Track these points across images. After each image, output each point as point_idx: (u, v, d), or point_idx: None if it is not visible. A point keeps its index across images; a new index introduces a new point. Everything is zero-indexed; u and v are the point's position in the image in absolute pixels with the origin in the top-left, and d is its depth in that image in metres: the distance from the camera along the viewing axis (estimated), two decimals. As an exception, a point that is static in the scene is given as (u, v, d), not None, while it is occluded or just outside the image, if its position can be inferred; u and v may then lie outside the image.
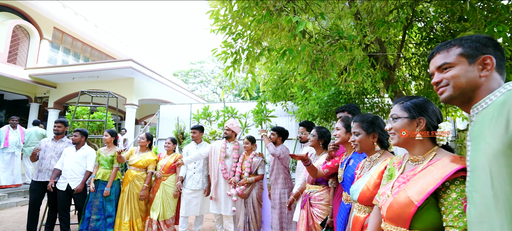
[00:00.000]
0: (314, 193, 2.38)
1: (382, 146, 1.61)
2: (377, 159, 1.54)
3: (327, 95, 5.25)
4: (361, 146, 1.62)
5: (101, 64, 9.34)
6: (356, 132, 1.65)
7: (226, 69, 3.33)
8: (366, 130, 1.60)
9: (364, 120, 1.64)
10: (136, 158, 3.48)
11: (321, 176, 2.20)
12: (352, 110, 2.33)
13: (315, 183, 2.40)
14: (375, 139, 1.59)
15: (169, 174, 3.52)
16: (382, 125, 1.62)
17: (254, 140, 3.40)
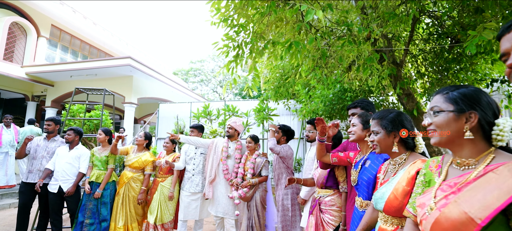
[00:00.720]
0: (325, 197, 2.19)
1: (406, 147, 1.40)
2: (403, 162, 1.34)
3: (332, 93, 5.05)
4: (380, 146, 1.42)
5: (99, 62, 9.14)
6: (375, 131, 1.45)
7: (227, 64, 3.13)
8: (386, 128, 1.40)
9: (384, 117, 1.44)
10: (133, 158, 3.28)
11: (326, 162, 2.03)
12: (365, 106, 2.13)
13: (325, 187, 2.21)
14: (396, 138, 1.39)
15: (167, 175, 3.33)
16: (407, 123, 1.41)
17: (258, 139, 3.20)
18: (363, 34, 3.47)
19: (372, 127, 1.48)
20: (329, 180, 2.18)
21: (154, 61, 18.46)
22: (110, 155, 3.31)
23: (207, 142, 3.30)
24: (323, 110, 5.16)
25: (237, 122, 3.30)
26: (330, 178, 2.18)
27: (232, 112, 6.60)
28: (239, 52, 3.09)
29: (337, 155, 1.97)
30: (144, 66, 9.36)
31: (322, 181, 2.20)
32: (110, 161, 3.29)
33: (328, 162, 2.01)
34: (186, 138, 3.23)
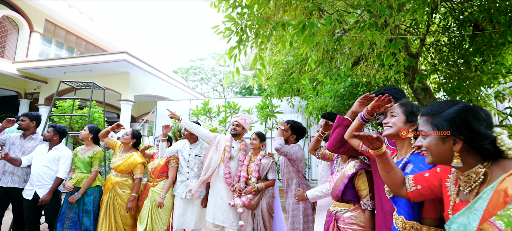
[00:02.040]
0: (343, 212, 1.75)
1: (483, 155, 0.92)
2: (482, 178, 0.89)
3: (343, 87, 4.62)
4: (433, 155, 0.97)
5: (93, 57, 8.72)
6: (423, 132, 1.01)
7: (230, 51, 2.70)
8: (440, 130, 0.95)
9: (437, 113, 0.97)
10: (118, 160, 2.85)
11: (354, 146, 1.62)
12: (394, 95, 1.69)
13: (342, 200, 1.77)
14: (457, 145, 0.91)
15: (160, 179, 2.90)
16: (476, 123, 0.91)
17: (264, 137, 2.78)
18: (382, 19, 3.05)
19: (420, 125, 1.04)
20: (347, 192, 1.73)
21: (153, 59, 18.04)
22: (95, 156, 2.88)
23: (209, 134, 2.89)
24: (333, 106, 4.74)
25: (246, 119, 2.87)
26: (348, 190, 1.73)
27: (233, 110, 6.18)
28: (242, 37, 2.66)
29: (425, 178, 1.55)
30: (140, 61, 8.94)
31: (337, 193, 1.76)
32: (95, 163, 2.86)
33: (355, 146, 1.58)
34: (187, 123, 2.85)
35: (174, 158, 2.97)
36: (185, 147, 2.97)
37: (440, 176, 1.06)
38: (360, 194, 1.70)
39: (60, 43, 11.97)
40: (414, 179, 1.15)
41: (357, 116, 1.66)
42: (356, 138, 1.21)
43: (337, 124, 1.70)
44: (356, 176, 1.70)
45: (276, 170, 2.76)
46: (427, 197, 1.12)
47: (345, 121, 1.68)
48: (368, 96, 1.61)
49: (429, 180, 1.10)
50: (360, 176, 1.70)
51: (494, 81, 4.57)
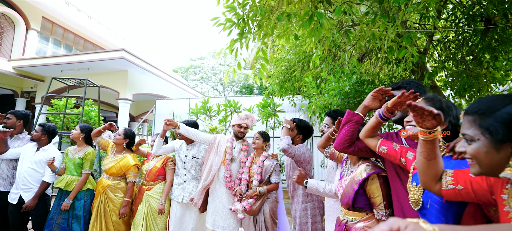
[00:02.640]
0: (354, 222, 1.54)
1: None
2: None
3: (348, 84, 4.42)
4: (482, 164, 0.78)
5: (91, 55, 8.52)
6: (468, 136, 0.81)
7: (231, 45, 2.50)
8: (493, 134, 0.75)
9: (489, 112, 0.77)
10: (109, 162, 2.65)
11: (370, 146, 1.40)
12: (415, 90, 1.48)
13: (353, 208, 1.56)
14: None
15: (155, 182, 2.70)
16: None
17: (268, 137, 2.58)
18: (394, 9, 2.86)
19: (464, 127, 0.84)
20: (358, 199, 1.51)
21: (152, 58, 17.84)
22: (86, 157, 2.69)
23: (208, 137, 2.67)
24: (337, 104, 4.55)
25: (253, 119, 2.68)
26: (359, 197, 1.51)
27: (234, 108, 5.98)
28: (244, 29, 2.47)
29: (388, 143, 1.33)
30: (139, 59, 8.74)
31: (347, 200, 1.54)
32: (86, 165, 2.67)
33: (372, 147, 1.38)
34: (185, 129, 2.61)
35: (172, 160, 2.78)
36: (182, 147, 2.77)
37: (492, 182, 0.86)
38: (372, 202, 1.48)
39: (58, 41, 11.78)
40: (454, 176, 0.94)
41: (368, 111, 1.47)
42: (409, 108, 0.94)
43: (346, 120, 1.50)
44: (368, 181, 1.50)
45: (280, 172, 2.56)
46: (464, 199, 0.92)
47: (355, 116, 1.48)
48: (383, 89, 1.42)
49: (476, 181, 0.88)
50: (373, 181, 1.49)
51: (507, 79, 4.35)
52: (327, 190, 1.85)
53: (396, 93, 1.46)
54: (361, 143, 1.49)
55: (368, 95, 1.48)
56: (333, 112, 2.09)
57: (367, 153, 1.50)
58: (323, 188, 1.86)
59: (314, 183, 1.89)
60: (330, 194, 1.84)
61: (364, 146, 1.48)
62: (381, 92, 1.44)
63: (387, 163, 1.45)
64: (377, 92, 1.44)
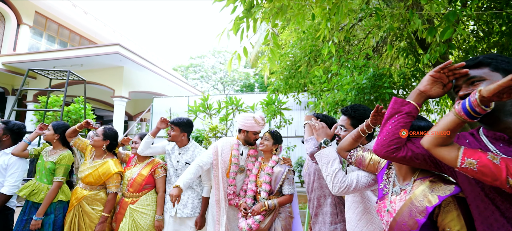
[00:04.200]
0: None
1: None
2: None
3: (365, 78, 3.94)
4: None
5: (84, 51, 8.06)
6: None
7: (235, 25, 2.03)
8: None
9: None
10: (86, 169, 2.18)
11: (446, 160, 0.89)
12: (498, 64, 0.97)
13: None
14: None
15: (141, 193, 2.22)
16: None
17: (280, 139, 2.10)
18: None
19: None
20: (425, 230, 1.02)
21: (151, 55, 17.37)
22: (59, 162, 2.21)
23: (208, 159, 2.14)
24: (352, 100, 4.07)
25: (260, 118, 2.17)
26: (427, 228, 1.01)
27: (236, 106, 5.52)
28: (252, 4, 1.99)
29: (479, 154, 0.83)
30: (134, 55, 8.28)
31: (408, 229, 1.04)
32: (59, 171, 2.19)
33: (448, 161, 0.88)
34: (185, 180, 1.99)
35: (162, 166, 2.30)
36: (173, 150, 2.30)
37: None
38: None
39: (52, 37, 11.32)
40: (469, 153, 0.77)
41: (425, 99, 1.01)
42: None
43: (393, 110, 1.03)
44: (440, 208, 1.00)
45: (294, 180, 2.08)
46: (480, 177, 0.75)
47: (406, 105, 1.00)
48: (452, 67, 0.94)
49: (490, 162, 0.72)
50: (448, 208, 0.97)
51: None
52: (357, 182, 1.34)
53: (475, 73, 0.96)
54: (417, 146, 1.01)
55: (426, 77, 1.00)
56: (350, 109, 1.59)
57: (426, 163, 1.02)
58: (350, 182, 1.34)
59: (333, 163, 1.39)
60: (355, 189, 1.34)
61: (422, 153, 1.00)
62: (448, 71, 0.96)
63: (466, 179, 0.96)
64: (441, 71, 0.96)
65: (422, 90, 0.99)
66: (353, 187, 1.32)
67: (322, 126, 1.55)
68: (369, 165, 1.32)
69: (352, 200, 1.52)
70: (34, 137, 2.38)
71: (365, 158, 1.34)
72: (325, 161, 1.39)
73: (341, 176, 1.34)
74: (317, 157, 1.44)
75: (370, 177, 1.34)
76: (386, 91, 3.85)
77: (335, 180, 1.34)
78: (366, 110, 1.55)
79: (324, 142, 1.45)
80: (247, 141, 2.14)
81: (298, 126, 7.20)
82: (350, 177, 1.33)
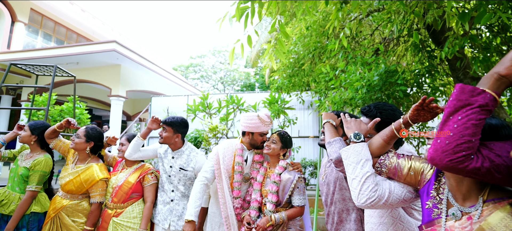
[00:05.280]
0: None
1: None
2: None
3: (376, 74, 3.66)
4: None
5: (79, 48, 7.78)
6: None
7: (238, 10, 1.75)
8: None
9: None
10: (66, 175, 1.90)
11: None
12: None
13: None
14: None
15: (126, 204, 1.93)
16: None
17: (290, 142, 1.82)
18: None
19: None
20: None
21: (151, 54, 17.09)
22: (34, 168, 1.93)
23: (209, 164, 1.86)
24: (362, 98, 3.78)
25: (266, 115, 1.87)
26: None
27: (237, 105, 5.24)
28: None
29: None
30: (132, 52, 8.00)
31: None
32: (33, 178, 1.91)
33: None
34: (195, 209, 1.72)
35: (153, 172, 2.02)
36: (166, 154, 2.01)
37: None
38: None
39: (48, 35, 11.05)
40: None
41: (508, 86, 0.72)
42: None
43: (459, 103, 0.75)
44: None
45: (305, 189, 1.80)
46: None
47: (481, 95, 0.72)
48: None
49: None
50: None
51: None
52: (391, 195, 1.03)
53: None
54: (497, 154, 0.73)
55: (509, 55, 0.72)
56: (375, 109, 1.30)
57: (507, 179, 0.73)
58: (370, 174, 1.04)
59: (365, 151, 1.10)
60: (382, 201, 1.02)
61: (506, 165, 0.72)
62: None
63: None
64: None
65: (504, 73, 0.71)
66: (384, 200, 1.02)
67: (355, 119, 1.25)
68: (408, 176, 1.03)
69: (378, 222, 1.22)
70: (10, 137, 2.10)
71: (402, 167, 1.04)
72: (354, 160, 1.08)
73: (372, 182, 1.03)
74: (344, 153, 1.13)
75: (406, 188, 1.05)
76: (399, 88, 3.56)
77: (364, 187, 1.02)
78: (395, 111, 1.27)
79: (355, 135, 1.14)
80: (253, 144, 1.86)
81: (301, 126, 6.93)
82: (382, 186, 1.04)
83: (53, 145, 2.01)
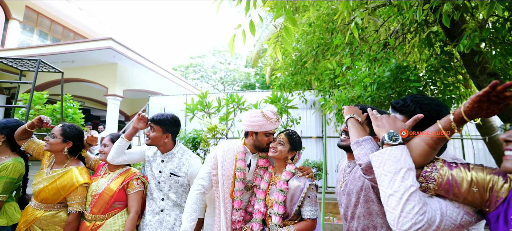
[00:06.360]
0: None
1: None
2: None
3: (387, 70, 3.41)
4: None
5: (74, 45, 7.53)
6: None
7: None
8: None
9: None
10: (42, 181, 1.65)
11: None
12: None
13: None
14: None
15: (107, 215, 1.66)
16: None
17: (299, 143, 1.57)
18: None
19: None
20: None
21: (151, 55, 16.85)
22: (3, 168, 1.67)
23: (207, 178, 1.60)
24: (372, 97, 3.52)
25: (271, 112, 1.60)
26: None
27: (237, 104, 4.99)
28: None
29: None
30: (128, 50, 7.75)
31: None
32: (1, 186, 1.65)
33: None
34: (190, 224, 1.46)
35: (139, 178, 1.76)
36: (155, 157, 1.75)
37: None
38: None
39: (44, 33, 10.81)
40: None
41: None
42: None
43: None
44: None
45: (317, 199, 1.54)
46: None
47: None
48: None
49: None
50: None
51: None
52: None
53: None
54: None
55: None
56: (412, 103, 1.01)
57: None
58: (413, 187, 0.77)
59: (407, 158, 0.83)
60: None
61: None
62: None
63: None
64: None
65: None
66: (435, 226, 0.75)
67: (388, 115, 0.97)
68: (469, 193, 0.75)
69: None
70: None
71: (459, 181, 0.77)
72: (392, 168, 0.81)
73: (419, 202, 0.75)
74: (376, 160, 0.86)
75: (461, 209, 0.78)
76: (412, 85, 3.30)
77: (407, 207, 0.75)
78: (440, 106, 1.00)
79: (390, 136, 0.87)
80: (258, 146, 1.59)
81: (304, 126, 6.67)
82: (431, 206, 0.78)
83: (25, 147, 1.75)
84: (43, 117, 1.72)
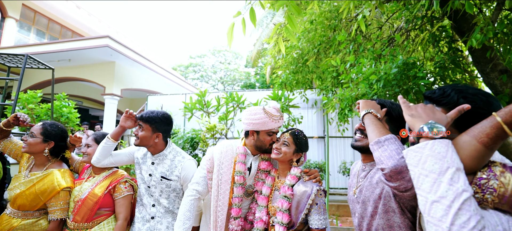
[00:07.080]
0: None
1: None
2: None
3: (395, 66, 3.25)
4: None
5: (70, 44, 7.37)
6: None
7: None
8: None
9: None
10: (19, 185, 1.49)
11: None
12: None
13: None
14: None
15: (92, 223, 1.49)
16: None
17: (306, 144, 1.41)
18: None
19: None
20: None
21: (150, 54, 16.70)
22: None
23: (202, 182, 1.45)
24: (378, 94, 3.36)
25: (274, 108, 1.43)
26: None
27: (237, 103, 4.84)
28: None
29: None
30: (126, 48, 7.59)
31: None
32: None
33: None
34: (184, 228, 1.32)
35: (127, 181, 1.59)
36: (145, 159, 1.59)
37: None
38: None
39: (41, 32, 10.65)
40: None
41: None
42: None
43: None
44: None
45: (326, 207, 1.38)
46: None
47: None
48: None
49: None
50: None
51: None
52: None
53: None
54: None
55: None
56: (454, 92, 0.80)
57: None
58: None
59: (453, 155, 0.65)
60: None
61: None
62: None
63: None
64: None
65: None
66: None
67: (424, 104, 0.79)
68: None
69: None
70: None
71: None
72: (435, 168, 0.63)
73: (474, 212, 0.57)
74: (414, 156, 0.68)
75: None
76: (420, 82, 3.13)
77: (459, 219, 0.57)
78: (488, 96, 0.82)
79: (430, 127, 0.69)
80: (260, 147, 1.43)
81: (305, 125, 6.51)
82: (490, 220, 0.61)
83: (1, 148, 1.60)
84: (19, 114, 1.56)
